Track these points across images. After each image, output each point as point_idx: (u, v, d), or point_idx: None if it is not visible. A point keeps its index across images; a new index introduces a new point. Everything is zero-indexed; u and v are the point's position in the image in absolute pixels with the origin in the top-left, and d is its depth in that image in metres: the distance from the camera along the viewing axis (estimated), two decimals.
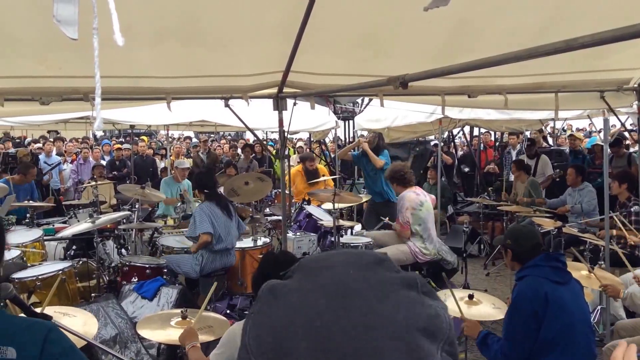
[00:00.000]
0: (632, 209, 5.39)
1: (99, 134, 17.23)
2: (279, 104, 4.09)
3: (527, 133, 10.20)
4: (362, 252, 0.64)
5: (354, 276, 0.57)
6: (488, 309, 3.28)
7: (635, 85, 4.19)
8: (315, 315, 0.54)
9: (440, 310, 0.57)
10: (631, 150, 8.49)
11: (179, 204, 6.44)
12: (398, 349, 0.51)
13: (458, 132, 12.44)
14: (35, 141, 12.06)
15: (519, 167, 7.58)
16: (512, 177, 9.34)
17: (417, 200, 5.06)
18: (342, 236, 5.69)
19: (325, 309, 0.54)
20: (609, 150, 7.21)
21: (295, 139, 14.71)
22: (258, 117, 6.87)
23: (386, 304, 0.55)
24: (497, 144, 12.46)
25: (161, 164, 11.31)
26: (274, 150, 11.49)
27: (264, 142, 12.09)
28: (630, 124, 8.94)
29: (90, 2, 1.08)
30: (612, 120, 7.86)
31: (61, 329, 1.90)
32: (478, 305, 3.29)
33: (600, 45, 1.27)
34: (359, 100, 7.91)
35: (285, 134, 4.33)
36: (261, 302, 0.59)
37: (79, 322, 2.84)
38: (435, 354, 0.53)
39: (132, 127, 9.57)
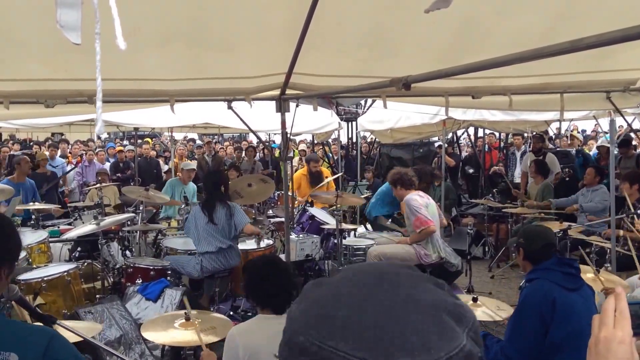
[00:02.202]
0: (639, 211, 5.35)
1: (104, 135, 17.29)
2: (282, 105, 4.09)
3: (532, 133, 10.15)
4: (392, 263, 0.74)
5: (392, 268, 0.66)
6: (492, 312, 3.26)
7: None
8: (356, 290, 0.61)
9: (466, 305, 0.63)
10: (639, 151, 8.43)
11: (182, 206, 6.44)
12: (426, 321, 0.57)
13: (462, 133, 12.42)
14: (39, 143, 12.10)
15: (537, 170, 7.46)
16: (517, 179, 9.32)
17: (422, 201, 5.05)
18: (345, 238, 5.68)
19: (365, 286, 0.61)
20: (616, 151, 7.19)
21: (298, 140, 14.70)
22: (261, 119, 6.87)
23: (417, 289, 0.61)
24: (502, 145, 12.42)
25: (165, 167, 11.32)
26: (278, 152, 11.50)
27: (267, 144, 12.09)
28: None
29: (94, 6, 1.09)
30: (619, 121, 7.82)
31: (66, 329, 1.90)
32: (483, 309, 3.27)
33: (606, 46, 1.26)
34: (362, 102, 7.90)
35: (288, 135, 4.33)
36: (305, 290, 0.66)
37: (83, 326, 2.85)
38: (461, 333, 0.58)
39: (136, 129, 9.59)
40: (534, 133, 9.13)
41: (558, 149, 10.38)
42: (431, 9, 1.48)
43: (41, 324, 1.76)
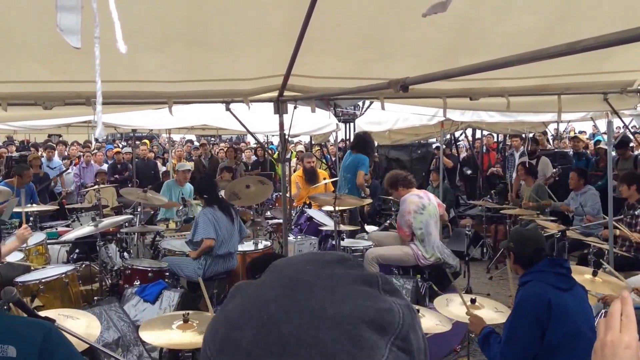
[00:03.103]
0: (637, 212, 5.36)
1: (104, 134, 17.25)
2: (280, 107, 4.09)
3: (530, 135, 10.18)
4: (327, 252, 0.65)
5: (310, 271, 0.59)
6: (491, 313, 3.26)
7: (639, 87, 4.17)
8: (264, 305, 0.55)
9: (395, 306, 0.56)
10: (636, 152, 8.44)
11: (180, 207, 6.44)
12: (338, 339, 0.51)
13: (460, 135, 12.44)
14: (36, 146, 12.09)
15: (527, 171, 7.52)
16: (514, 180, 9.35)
17: (420, 203, 5.06)
18: (343, 239, 5.68)
19: (274, 299, 0.55)
20: (613, 153, 7.20)
21: (295, 142, 14.69)
22: (259, 121, 6.86)
23: (335, 296, 0.55)
24: (500, 146, 12.45)
25: (162, 168, 11.31)
26: (276, 154, 11.49)
27: (265, 146, 12.09)
28: (632, 126, 8.90)
29: (93, 10, 1.09)
30: (616, 122, 7.83)
31: (63, 331, 1.91)
32: (480, 310, 3.27)
33: (603, 48, 1.27)
34: (360, 103, 7.90)
35: (286, 137, 4.33)
36: (225, 300, 0.61)
37: (81, 325, 2.84)
38: (382, 347, 0.52)
39: (134, 130, 9.59)
40: (532, 135, 9.16)
41: (556, 150, 10.41)
42: (428, 13, 1.49)
43: (39, 320, 1.77)
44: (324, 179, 7.56)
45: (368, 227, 6.73)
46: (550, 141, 11.61)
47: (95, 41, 1.08)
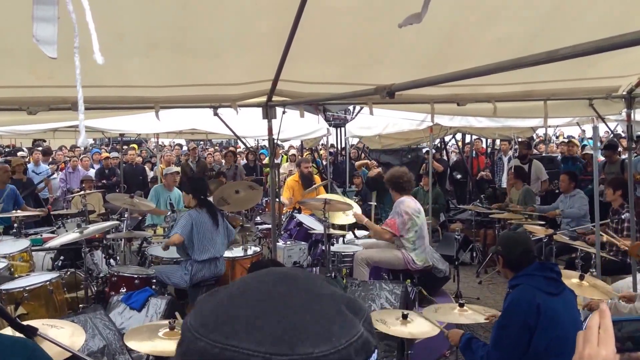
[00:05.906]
0: (622, 216, 5.40)
1: (90, 141, 17.12)
2: (268, 112, 4.08)
3: (518, 139, 10.25)
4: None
5: (288, 271, 0.67)
6: (479, 318, 3.27)
7: (624, 93, 4.22)
8: (255, 290, 0.62)
9: (357, 299, 0.66)
10: (622, 157, 8.51)
11: (169, 213, 6.39)
12: (326, 311, 0.59)
13: (450, 139, 12.51)
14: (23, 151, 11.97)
15: (517, 175, 7.56)
16: (504, 184, 9.39)
17: (416, 207, 5.08)
18: (332, 245, 5.67)
19: (263, 284, 0.62)
20: (600, 156, 7.28)
21: (287, 146, 14.69)
22: (249, 125, 6.84)
23: (315, 284, 0.63)
24: (489, 150, 12.53)
25: (150, 174, 11.22)
26: (267, 159, 11.47)
27: (255, 151, 12.07)
28: (621, 131, 8.97)
29: (72, 21, 1.08)
30: (603, 127, 7.91)
31: (47, 341, 1.87)
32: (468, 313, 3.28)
33: (581, 57, 1.28)
34: (350, 108, 7.93)
35: (275, 142, 4.32)
36: (200, 301, 0.64)
37: (66, 334, 2.80)
38: (357, 322, 0.60)
39: (121, 135, 9.53)
40: (519, 139, 9.22)
41: (544, 154, 10.48)
42: (404, 24, 1.50)
43: (22, 337, 1.74)
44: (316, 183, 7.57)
45: (358, 232, 6.72)
46: (542, 145, 11.70)
47: (75, 51, 1.07)
